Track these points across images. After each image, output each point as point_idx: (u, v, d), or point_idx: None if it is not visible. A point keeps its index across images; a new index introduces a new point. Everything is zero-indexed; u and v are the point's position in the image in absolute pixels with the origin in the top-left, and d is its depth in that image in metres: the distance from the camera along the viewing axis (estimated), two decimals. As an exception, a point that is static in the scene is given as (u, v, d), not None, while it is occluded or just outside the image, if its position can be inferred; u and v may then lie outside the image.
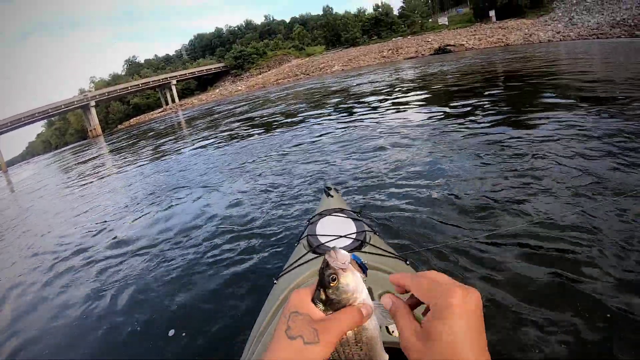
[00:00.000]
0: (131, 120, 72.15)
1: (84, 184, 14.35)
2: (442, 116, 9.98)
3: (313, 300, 0.69)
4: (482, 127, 8.08)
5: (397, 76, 24.81)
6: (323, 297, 0.68)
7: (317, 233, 2.67)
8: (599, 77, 11.56)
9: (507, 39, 36.49)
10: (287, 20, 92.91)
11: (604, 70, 13.09)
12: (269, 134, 13.78)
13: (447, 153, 6.86)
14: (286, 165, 8.87)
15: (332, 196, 3.58)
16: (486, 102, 10.39)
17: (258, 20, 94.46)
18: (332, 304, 0.68)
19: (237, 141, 13.95)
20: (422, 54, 43.49)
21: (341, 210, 3.05)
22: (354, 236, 2.51)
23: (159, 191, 9.49)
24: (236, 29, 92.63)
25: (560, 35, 31.90)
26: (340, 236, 2.53)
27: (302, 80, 50.30)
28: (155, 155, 16.31)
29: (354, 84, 25.57)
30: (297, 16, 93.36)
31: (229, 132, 17.38)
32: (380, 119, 11.46)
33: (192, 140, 18.45)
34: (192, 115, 38.50)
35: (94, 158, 24.91)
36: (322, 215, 3.01)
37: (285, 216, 5.86)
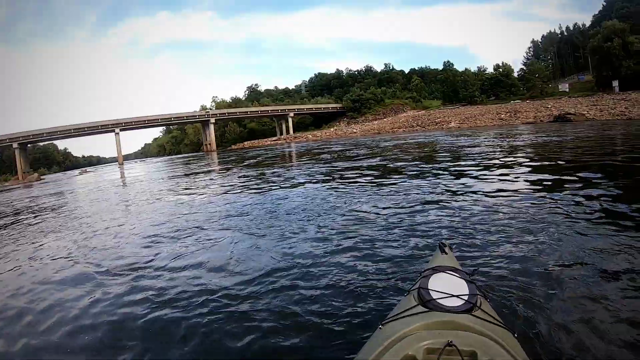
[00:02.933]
0: (245, 142, 75.48)
1: (186, 194, 15.25)
2: (561, 194, 8.87)
3: None
4: (602, 217, 7.03)
5: (516, 142, 24.08)
6: None
7: (429, 287, 2.67)
8: None
9: (630, 112, 33.82)
10: (406, 71, 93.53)
11: None
12: (382, 183, 13.51)
13: (565, 239, 6.17)
14: (398, 216, 8.71)
15: (446, 253, 3.58)
16: (606, 187, 9.11)
17: (378, 67, 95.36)
18: None
19: (349, 185, 13.91)
20: (541, 120, 41.82)
21: (454, 270, 3.05)
22: (466, 297, 2.50)
23: (270, 220, 9.49)
24: (356, 72, 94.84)
25: (690, 113, 29.80)
26: (453, 295, 2.53)
27: (418, 132, 50.06)
28: (269, 184, 16.59)
29: (472, 144, 25.08)
30: (416, 68, 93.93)
31: (341, 174, 17.40)
32: (497, 185, 11.00)
33: (306, 175, 18.63)
34: (306, 149, 39.37)
35: (204, 173, 26.31)
36: (435, 270, 3.00)
37: (393, 264, 5.78)
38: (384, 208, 9.74)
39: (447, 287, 2.66)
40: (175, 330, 4.62)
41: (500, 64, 73.50)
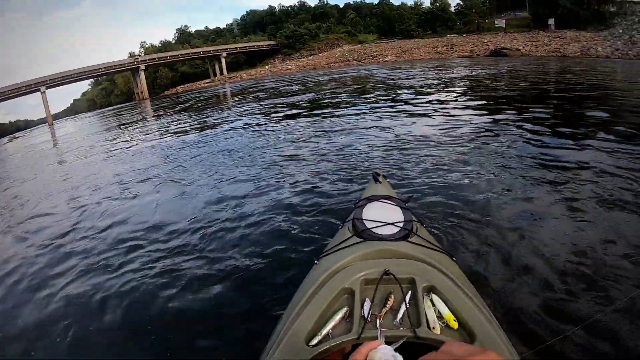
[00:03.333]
0: (178, 87, 72.97)
1: (119, 148, 14.59)
2: (493, 121, 9.89)
3: None
4: (532, 140, 7.88)
5: (451, 74, 24.65)
6: None
7: (363, 217, 2.69)
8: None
9: (565, 49, 35.59)
10: (341, 5, 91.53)
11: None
12: (317, 117, 13.84)
13: (497, 162, 6.76)
14: (333, 149, 8.93)
15: (380, 182, 3.59)
16: (537, 114, 10.18)
17: (312, 2, 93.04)
18: None
19: (284, 120, 14.10)
20: (477, 54, 43.06)
21: (389, 198, 3.06)
22: (401, 225, 2.55)
23: (201, 164, 9.54)
24: (289, 8, 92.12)
25: (618, 53, 30.96)
26: (388, 223, 2.56)
27: (354, 66, 50.20)
28: (201, 126, 16.45)
29: (408, 76, 25.52)
30: (351, 2, 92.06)
31: (275, 110, 17.52)
32: (432, 115, 11.55)
33: (239, 114, 18.60)
34: (240, 89, 38.64)
35: (137, 121, 25.64)
36: (369, 200, 3.03)
37: (329, 197, 5.96)
38: (317, 143, 9.83)
39: (382, 215, 2.70)
40: (104, 288, 4.39)
41: (438, -2, 72.91)
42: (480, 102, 12.82)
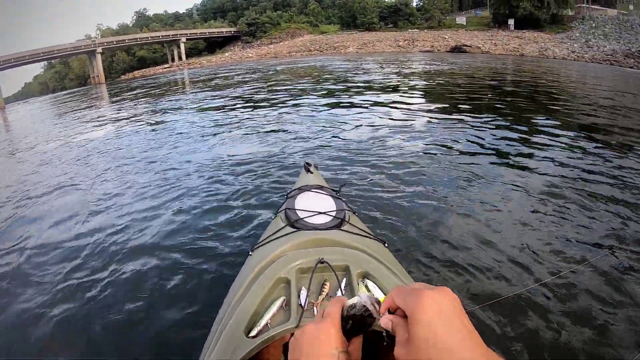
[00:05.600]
0: (135, 72, 70.99)
1: (77, 135, 13.99)
2: (442, 116, 10.26)
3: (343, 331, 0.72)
4: (476, 138, 8.20)
5: (410, 68, 25.12)
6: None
7: (295, 207, 2.71)
8: (605, 104, 11.84)
9: (523, 49, 36.92)
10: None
11: (612, 98, 13.31)
12: (265, 106, 14.03)
13: (429, 152, 7.13)
14: (270, 139, 9.06)
15: (311, 172, 3.64)
16: (488, 112, 10.58)
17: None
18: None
19: (231, 111, 14.04)
20: (438, 50, 44.04)
21: (320, 187, 3.13)
22: (333, 214, 2.59)
23: (143, 154, 9.38)
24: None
25: (574, 55, 32.12)
26: (320, 212, 2.60)
27: (315, 56, 50.38)
28: (154, 113, 16.20)
29: (367, 69, 25.82)
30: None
31: (226, 101, 17.39)
32: (381, 108, 11.86)
33: (190, 104, 18.38)
34: (197, 76, 37.93)
35: (94, 107, 24.65)
36: (301, 190, 3.05)
37: (262, 189, 6.02)
38: (257, 135, 9.88)
39: (314, 205, 2.74)
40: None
41: (401, -8, 73.40)
42: (428, 98, 13.48)
